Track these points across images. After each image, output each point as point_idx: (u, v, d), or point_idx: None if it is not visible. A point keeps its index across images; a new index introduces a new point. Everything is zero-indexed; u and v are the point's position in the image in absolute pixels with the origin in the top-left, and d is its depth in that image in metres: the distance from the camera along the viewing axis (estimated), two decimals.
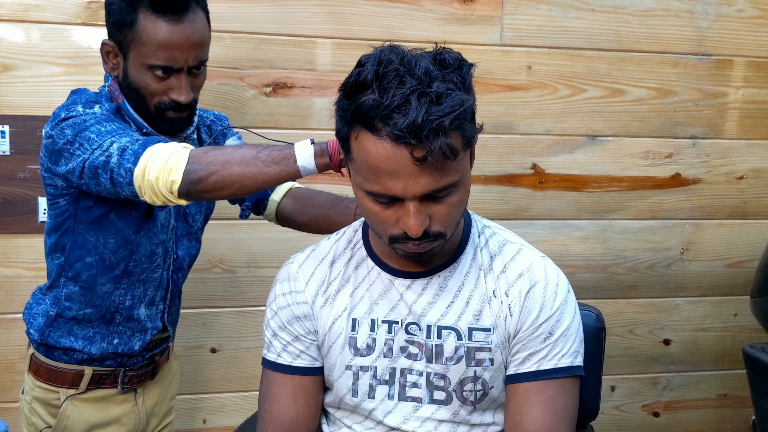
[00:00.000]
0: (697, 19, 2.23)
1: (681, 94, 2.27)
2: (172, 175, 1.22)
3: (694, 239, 2.37)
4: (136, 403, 1.61)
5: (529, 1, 2.13)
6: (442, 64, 1.01)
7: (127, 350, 1.54)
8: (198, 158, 1.24)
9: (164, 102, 1.40)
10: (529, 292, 1.15)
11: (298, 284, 1.23)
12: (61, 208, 1.44)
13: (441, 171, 0.99)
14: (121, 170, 1.25)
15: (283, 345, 1.23)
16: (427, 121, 0.95)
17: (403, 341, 1.17)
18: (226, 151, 1.26)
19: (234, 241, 2.08)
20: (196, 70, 1.41)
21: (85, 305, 1.50)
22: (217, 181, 1.23)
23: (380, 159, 0.98)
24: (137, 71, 1.38)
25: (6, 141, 1.90)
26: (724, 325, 2.45)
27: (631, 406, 2.45)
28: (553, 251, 2.21)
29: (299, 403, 1.22)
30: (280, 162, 1.23)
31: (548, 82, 2.19)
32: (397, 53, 1.01)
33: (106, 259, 1.46)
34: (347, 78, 1.03)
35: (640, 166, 2.29)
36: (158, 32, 1.34)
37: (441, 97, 0.97)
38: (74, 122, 1.33)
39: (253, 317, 2.14)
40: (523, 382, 1.15)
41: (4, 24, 1.87)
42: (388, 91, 0.96)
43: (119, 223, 1.44)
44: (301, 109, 2.06)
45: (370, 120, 0.98)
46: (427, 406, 1.17)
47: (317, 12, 2.02)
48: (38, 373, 1.54)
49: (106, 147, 1.28)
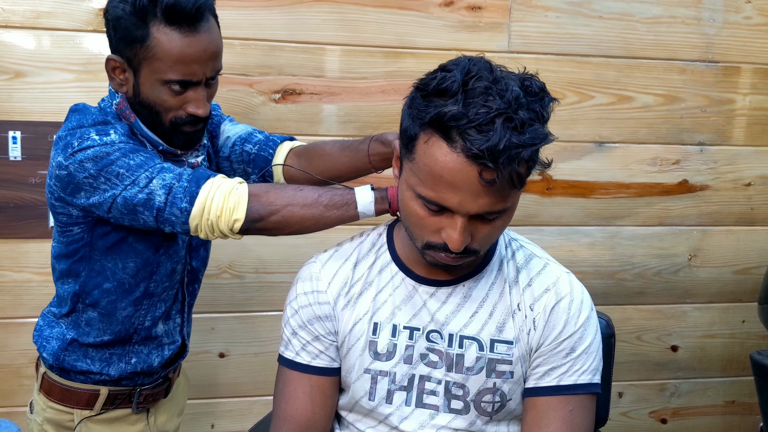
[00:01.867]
0: (704, 26, 2.24)
1: (688, 100, 2.27)
2: (236, 214, 1.22)
3: (702, 246, 2.37)
4: (148, 423, 1.57)
5: (537, 9, 2.14)
6: (527, 91, 0.99)
7: (146, 368, 1.49)
8: (259, 197, 1.24)
9: (180, 117, 1.33)
10: (554, 307, 1.15)
11: (321, 284, 1.22)
12: (75, 236, 1.39)
13: (501, 196, 1.00)
14: (174, 209, 1.23)
15: (302, 344, 1.23)
16: (508, 147, 0.94)
17: (423, 348, 1.17)
18: (288, 193, 1.25)
19: (243, 246, 2.08)
20: (212, 80, 1.35)
21: (103, 332, 1.45)
22: (278, 221, 1.24)
23: (446, 170, 0.98)
24: (151, 87, 1.30)
25: (18, 147, 1.91)
26: (731, 332, 2.45)
27: (638, 413, 2.45)
28: (561, 257, 2.20)
29: (315, 403, 1.22)
30: (341, 207, 1.24)
31: (556, 89, 2.19)
32: (488, 69, 1.00)
33: (126, 283, 1.42)
34: (428, 78, 1.02)
35: (648, 173, 2.29)
36: (173, 46, 1.26)
37: (524, 125, 0.96)
38: (95, 155, 1.26)
39: (261, 322, 2.14)
40: (542, 396, 1.15)
41: (16, 31, 1.88)
42: (475, 106, 0.95)
43: (138, 245, 1.40)
44: (309, 115, 2.07)
45: (448, 129, 0.97)
46: (444, 415, 1.18)
47: (327, 19, 2.03)
48: (51, 393, 1.48)
49: (143, 184, 1.24)
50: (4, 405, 2.03)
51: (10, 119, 1.91)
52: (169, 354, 1.53)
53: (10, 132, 1.91)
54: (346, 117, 2.09)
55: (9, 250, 1.97)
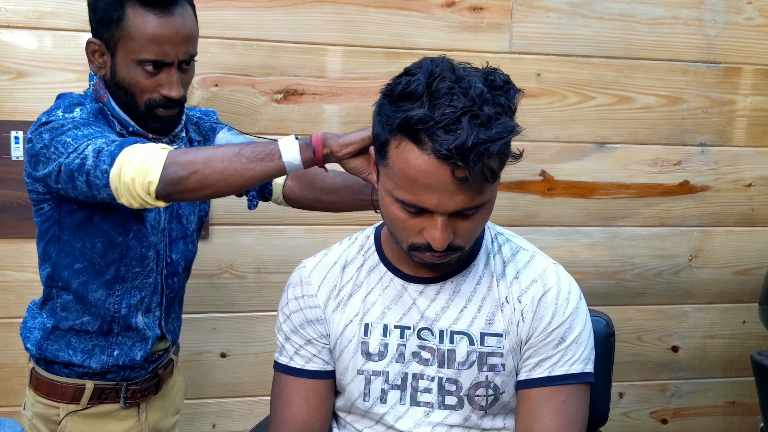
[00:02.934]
0: (706, 27, 2.24)
1: (689, 101, 2.27)
2: (149, 176, 1.18)
3: (703, 246, 2.37)
4: (138, 419, 1.55)
5: (538, 10, 2.15)
6: (491, 86, 1.00)
7: (129, 362, 1.49)
8: (177, 158, 1.20)
9: (154, 99, 1.37)
10: (541, 298, 1.16)
11: (310, 288, 1.24)
12: (45, 214, 1.42)
13: (477, 191, 1.00)
14: (97, 172, 1.22)
15: (295, 349, 1.24)
16: (476, 144, 0.95)
17: (415, 346, 1.18)
18: (207, 150, 1.23)
19: (244, 246, 2.09)
20: (186, 65, 1.38)
21: (81, 313, 1.45)
22: (199, 180, 1.19)
23: (420, 172, 0.99)
24: (126, 68, 1.35)
25: (20, 146, 1.92)
26: (732, 333, 2.45)
27: (639, 413, 2.45)
28: (561, 258, 2.22)
29: (311, 407, 1.23)
30: (264, 158, 1.20)
31: (557, 90, 2.20)
32: (450, 69, 1.01)
33: (96, 264, 1.42)
34: (394, 84, 1.03)
35: (649, 174, 2.30)
36: (147, 26, 1.31)
37: (491, 120, 0.96)
38: (52, 126, 1.30)
39: (261, 322, 2.15)
40: (534, 388, 1.16)
41: (18, 31, 1.89)
42: (440, 107, 0.96)
43: (104, 225, 1.40)
44: (311, 115, 2.07)
45: (417, 132, 0.98)
46: (439, 411, 1.18)
47: (328, 20, 2.03)
48: (38, 388, 1.50)
49: (81, 150, 1.24)
50: (7, 404, 2.04)
51: (13, 119, 1.91)
52: (150, 347, 1.52)
53: (12, 132, 1.91)
54: (347, 117, 2.09)
55: (12, 250, 1.97)
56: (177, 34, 1.33)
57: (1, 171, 1.93)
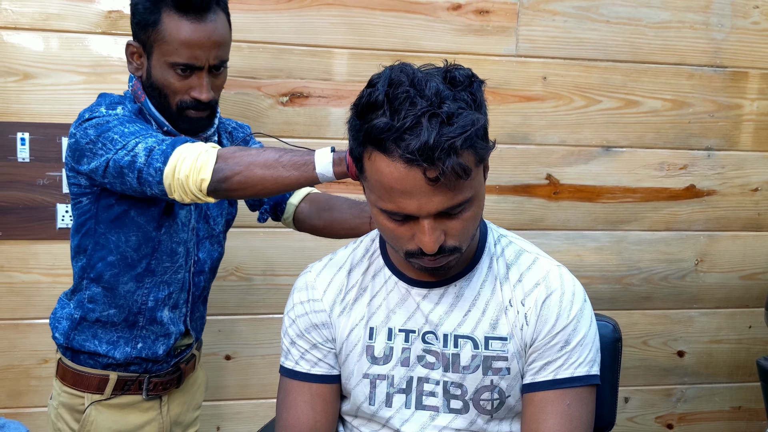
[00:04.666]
0: (713, 31, 2.24)
1: (696, 105, 2.27)
2: (202, 173, 1.26)
3: (709, 251, 2.37)
4: (160, 412, 1.61)
5: (545, 13, 2.15)
6: (452, 83, 1.01)
7: (151, 355, 1.55)
8: (225, 158, 1.28)
9: (185, 101, 1.44)
10: (545, 301, 1.16)
11: (316, 293, 1.24)
12: (83, 207, 1.48)
13: (454, 189, 1.00)
14: (150, 169, 1.29)
15: (301, 353, 1.24)
16: (439, 142, 0.95)
17: (420, 350, 1.18)
18: (251, 153, 1.29)
19: (251, 249, 2.09)
20: (216, 70, 1.45)
21: (108, 306, 1.51)
22: (241, 181, 1.27)
23: (393, 179, 0.99)
24: (160, 70, 1.43)
25: (26, 148, 1.92)
26: (738, 338, 2.44)
27: (644, 418, 2.44)
28: (567, 262, 2.21)
29: (317, 411, 1.23)
30: (300, 167, 1.26)
31: (563, 93, 2.20)
32: (407, 73, 1.01)
33: (128, 257, 1.49)
34: (359, 98, 1.03)
35: (655, 178, 2.29)
36: (181, 31, 1.39)
37: (452, 117, 0.97)
38: (97, 123, 1.38)
39: (268, 325, 2.15)
40: (539, 391, 1.15)
41: (25, 33, 1.90)
42: (399, 112, 0.97)
43: (139, 219, 1.47)
44: (317, 118, 2.08)
45: (382, 142, 0.98)
46: (444, 415, 1.18)
47: (335, 23, 2.04)
48: (65, 378, 1.56)
49: (131, 147, 1.32)
50: (14, 406, 2.04)
51: (19, 121, 1.92)
52: (173, 343, 1.57)
53: (18, 133, 1.92)
54: None
55: (18, 251, 1.98)
56: (208, 40, 1.41)
57: (8, 173, 1.93)
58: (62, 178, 1.95)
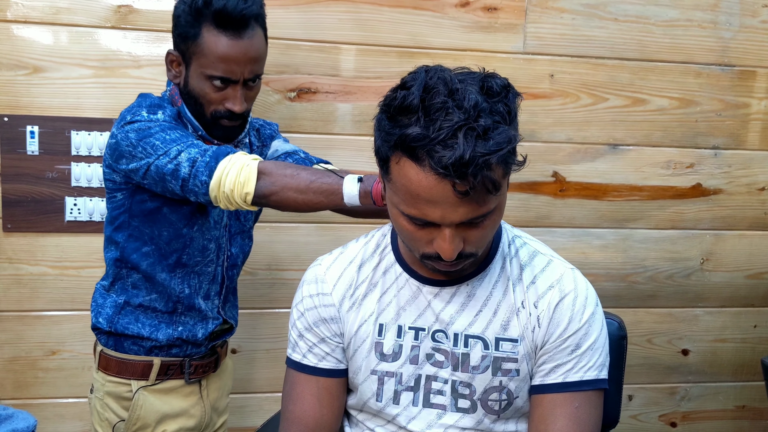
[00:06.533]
0: (721, 29, 2.23)
1: (703, 104, 2.27)
2: (246, 188, 1.36)
3: (715, 250, 2.37)
4: (201, 396, 1.69)
5: (552, 10, 2.14)
6: (489, 93, 0.98)
7: (191, 337, 1.61)
8: (265, 176, 1.37)
9: (220, 111, 1.50)
10: (558, 304, 1.15)
11: (326, 286, 1.24)
12: (117, 202, 1.55)
13: (480, 202, 1.00)
14: (196, 181, 1.38)
15: (308, 346, 1.24)
16: (473, 158, 0.93)
17: (429, 348, 1.18)
18: (287, 174, 1.38)
19: (256, 243, 2.08)
20: (251, 82, 1.51)
21: (150, 291, 1.59)
22: (277, 201, 1.38)
23: (421, 188, 0.98)
24: (197, 80, 1.49)
25: (35, 141, 1.93)
26: (743, 337, 2.44)
27: (648, 416, 2.44)
28: (573, 259, 2.21)
29: (323, 405, 1.23)
30: (328, 195, 1.37)
31: (570, 91, 2.20)
32: (444, 80, 0.98)
33: (161, 248, 1.56)
34: (390, 98, 1.01)
35: (661, 176, 2.29)
36: (219, 46, 1.44)
37: (488, 131, 0.95)
38: (138, 127, 1.44)
39: (272, 319, 2.16)
40: (548, 393, 1.15)
41: (35, 26, 1.90)
42: (435, 122, 0.95)
43: (171, 216, 1.54)
44: (324, 114, 2.08)
45: (414, 150, 0.96)
46: (451, 414, 1.18)
47: (343, 18, 2.04)
48: (108, 368, 1.61)
49: (173, 155, 1.39)
50: (21, 397, 2.05)
51: (29, 114, 1.93)
52: (212, 328, 1.64)
53: (28, 126, 1.93)
54: (360, 116, 2.10)
55: (26, 244, 1.99)
56: (244, 55, 1.46)
57: (17, 165, 1.94)
58: (71, 171, 1.96)
